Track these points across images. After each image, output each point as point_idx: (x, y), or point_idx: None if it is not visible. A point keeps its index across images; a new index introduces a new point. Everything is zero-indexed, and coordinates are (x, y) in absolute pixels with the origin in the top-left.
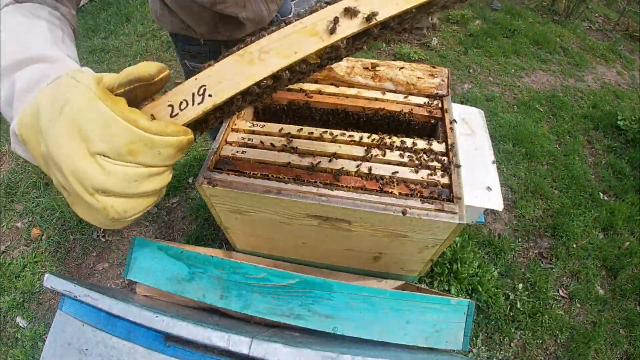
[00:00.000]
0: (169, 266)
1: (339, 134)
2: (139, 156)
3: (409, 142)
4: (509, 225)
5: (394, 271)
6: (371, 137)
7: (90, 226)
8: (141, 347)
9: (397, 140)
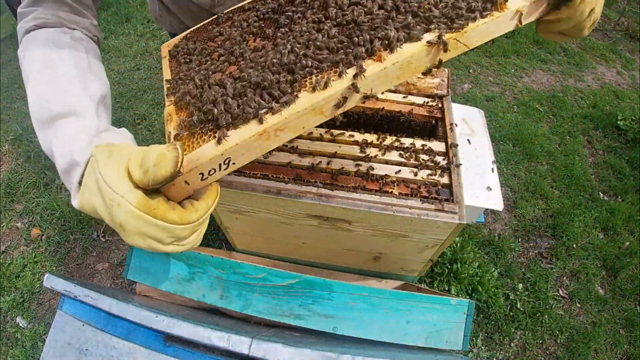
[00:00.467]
0: (168, 266)
1: (339, 133)
2: (180, 239)
3: (409, 142)
4: (509, 225)
5: (394, 271)
6: (371, 137)
7: (90, 226)
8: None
9: (397, 140)
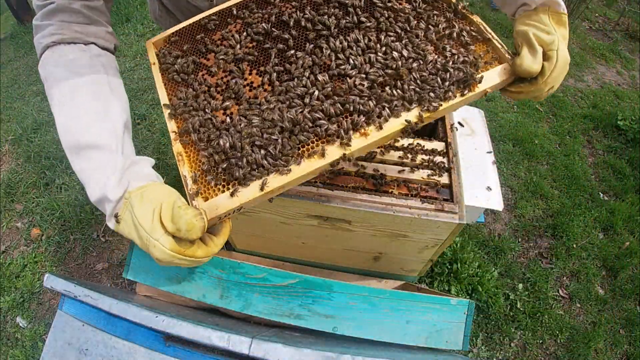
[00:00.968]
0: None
1: None
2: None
3: (409, 142)
4: (509, 225)
5: (394, 271)
6: None
7: (90, 226)
8: (141, 347)
9: (397, 140)
